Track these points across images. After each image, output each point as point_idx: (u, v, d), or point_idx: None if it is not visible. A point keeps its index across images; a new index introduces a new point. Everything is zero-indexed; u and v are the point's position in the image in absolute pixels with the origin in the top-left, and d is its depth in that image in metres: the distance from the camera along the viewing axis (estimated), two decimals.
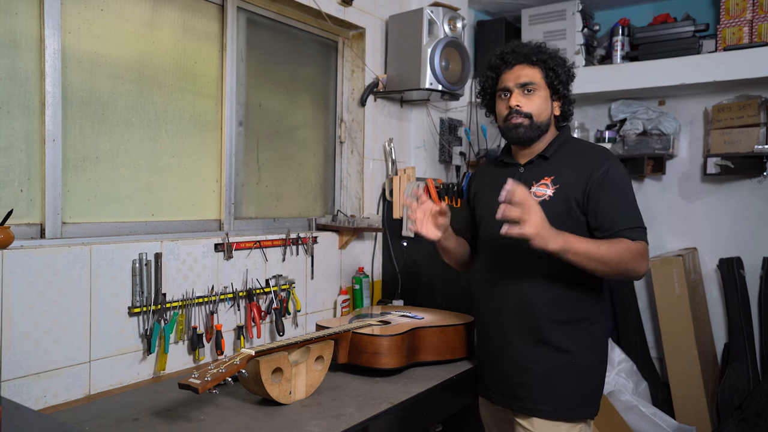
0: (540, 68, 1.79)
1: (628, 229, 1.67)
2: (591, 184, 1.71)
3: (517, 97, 1.79)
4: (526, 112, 1.78)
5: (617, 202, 1.70)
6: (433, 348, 2.09)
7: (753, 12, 3.13)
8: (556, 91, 1.81)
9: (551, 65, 1.79)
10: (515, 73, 1.80)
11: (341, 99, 2.88)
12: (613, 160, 1.77)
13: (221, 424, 1.54)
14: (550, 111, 1.82)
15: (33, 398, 1.65)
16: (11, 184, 1.74)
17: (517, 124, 1.78)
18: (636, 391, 3.25)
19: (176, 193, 2.18)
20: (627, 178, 1.76)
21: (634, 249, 1.63)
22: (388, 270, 2.92)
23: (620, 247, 1.62)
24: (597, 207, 1.70)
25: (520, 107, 1.78)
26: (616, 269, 1.62)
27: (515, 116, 1.78)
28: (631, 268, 1.63)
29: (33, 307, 1.65)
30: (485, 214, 1.92)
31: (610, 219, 1.69)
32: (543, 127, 1.80)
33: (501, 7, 3.75)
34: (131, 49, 2.03)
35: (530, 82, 1.78)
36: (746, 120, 3.21)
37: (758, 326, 3.32)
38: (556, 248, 1.54)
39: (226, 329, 2.16)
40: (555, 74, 1.79)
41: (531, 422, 1.76)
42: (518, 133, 1.79)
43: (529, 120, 1.78)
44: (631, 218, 1.69)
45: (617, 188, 1.71)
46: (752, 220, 3.37)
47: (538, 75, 1.79)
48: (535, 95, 1.78)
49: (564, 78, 1.81)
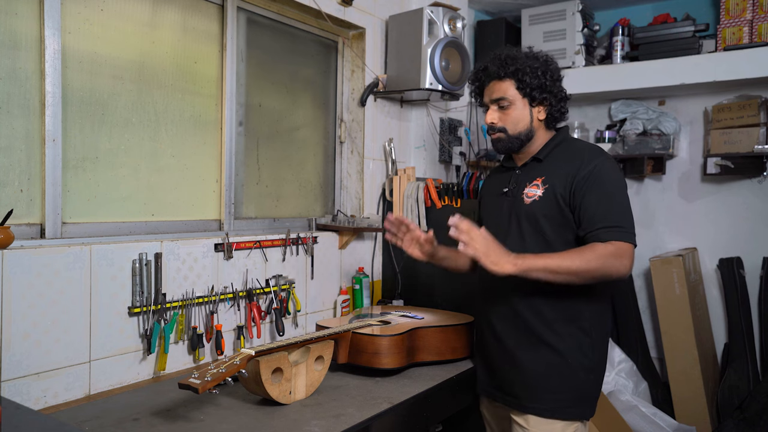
0: (512, 80, 1.79)
1: (605, 228, 1.65)
2: (576, 182, 1.71)
3: (492, 113, 1.84)
4: (499, 127, 1.83)
5: (600, 199, 1.69)
6: (433, 348, 2.09)
7: (753, 12, 3.13)
8: (533, 99, 1.80)
9: (520, 76, 1.78)
10: (489, 89, 1.84)
11: (341, 99, 2.88)
12: (603, 157, 1.75)
13: (221, 424, 1.54)
14: (529, 119, 1.82)
15: (33, 398, 1.65)
16: (11, 184, 1.74)
17: (496, 139, 1.85)
18: (636, 391, 3.25)
19: (176, 193, 2.18)
20: (616, 175, 1.74)
21: (605, 252, 1.62)
22: (388, 270, 2.92)
23: (588, 255, 1.61)
24: (580, 204, 1.70)
25: (494, 123, 1.83)
26: (588, 277, 1.62)
27: (492, 132, 1.85)
28: (606, 273, 1.62)
29: (33, 307, 1.65)
30: (486, 217, 1.97)
31: (590, 217, 1.68)
32: (523, 137, 1.82)
33: (501, 7, 3.75)
34: (131, 49, 2.03)
35: (501, 97, 1.81)
36: (746, 120, 3.21)
37: (758, 326, 3.32)
38: (512, 271, 1.58)
39: (226, 329, 2.16)
40: (527, 84, 1.78)
41: (526, 420, 1.77)
42: (498, 147, 1.87)
43: (505, 134, 1.82)
44: (611, 216, 1.67)
45: (602, 185, 1.70)
46: (752, 220, 3.37)
47: (510, 88, 1.80)
48: (510, 109, 1.81)
49: (539, 83, 1.78)
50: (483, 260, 1.57)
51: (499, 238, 1.88)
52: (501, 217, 1.86)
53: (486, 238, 1.59)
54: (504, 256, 1.58)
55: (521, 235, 1.79)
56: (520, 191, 1.82)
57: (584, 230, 1.69)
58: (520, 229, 1.80)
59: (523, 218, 1.79)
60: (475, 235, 1.58)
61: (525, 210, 1.78)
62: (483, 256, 1.57)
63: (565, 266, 1.60)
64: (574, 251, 1.64)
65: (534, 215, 1.76)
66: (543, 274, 1.61)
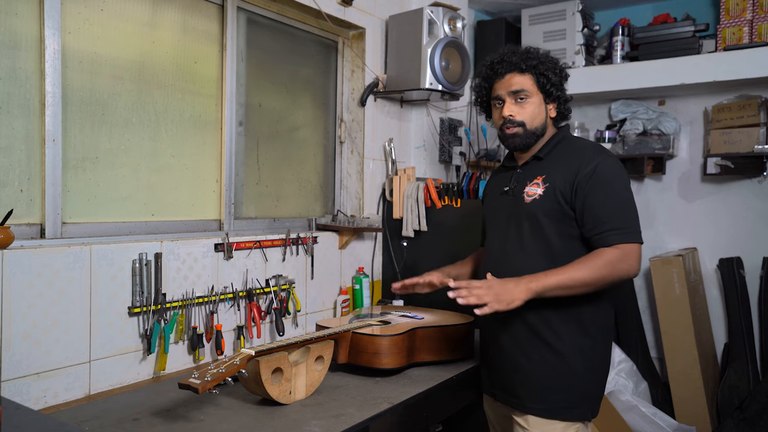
0: (531, 74, 1.79)
1: (613, 230, 1.66)
2: (578, 181, 1.71)
3: (509, 106, 1.80)
4: (519, 121, 1.80)
5: (605, 200, 1.69)
6: (433, 348, 2.09)
7: (753, 12, 3.13)
8: (549, 95, 1.81)
9: (542, 70, 1.78)
10: (506, 81, 1.81)
11: (341, 99, 2.88)
12: (605, 155, 1.75)
13: (221, 424, 1.54)
14: (545, 115, 1.82)
15: (33, 398, 1.65)
16: (11, 184, 1.74)
17: (512, 134, 1.81)
18: (636, 391, 3.25)
19: (176, 193, 2.18)
20: (619, 173, 1.73)
21: (613, 258, 1.64)
22: (388, 270, 2.92)
23: (597, 263, 1.64)
24: (584, 205, 1.70)
25: (513, 116, 1.80)
26: (600, 285, 1.66)
27: (509, 126, 1.81)
28: (617, 277, 1.66)
29: (33, 307, 1.65)
30: (488, 216, 1.98)
31: (595, 217, 1.68)
32: (538, 132, 1.81)
33: (501, 7, 3.75)
34: (131, 49, 2.03)
35: (521, 89, 1.79)
36: (746, 120, 3.21)
37: (758, 326, 3.32)
38: (528, 297, 1.61)
39: (226, 329, 2.16)
40: (546, 79, 1.78)
41: (526, 420, 1.76)
42: (515, 143, 1.82)
43: (523, 128, 1.80)
44: (617, 217, 1.67)
45: (605, 184, 1.69)
46: (752, 220, 3.37)
47: (529, 82, 1.79)
48: (528, 102, 1.79)
49: (556, 80, 1.80)
50: (498, 306, 1.59)
51: (499, 238, 1.88)
52: (502, 216, 1.86)
53: (489, 285, 1.61)
54: (515, 289, 1.61)
55: (521, 234, 1.79)
56: (521, 190, 1.81)
57: (590, 232, 1.69)
58: (519, 228, 1.80)
59: (524, 217, 1.78)
60: (476, 286, 1.60)
61: (525, 209, 1.78)
62: (496, 303, 1.59)
63: (578, 279, 1.63)
64: (583, 261, 1.65)
65: (534, 214, 1.76)
66: (558, 291, 1.64)
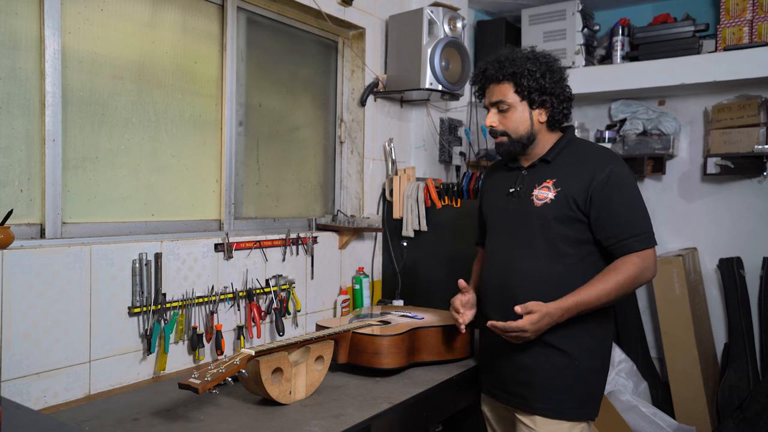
0: (510, 82, 1.77)
1: (633, 236, 1.69)
2: (593, 188, 1.70)
3: (492, 116, 1.82)
4: (501, 131, 1.81)
5: (621, 208, 1.70)
6: (433, 348, 2.09)
7: (753, 12, 3.13)
8: (533, 101, 1.77)
9: (518, 79, 1.75)
10: (489, 92, 1.83)
11: (341, 99, 2.88)
12: (616, 161, 1.75)
13: (221, 424, 1.54)
14: (530, 122, 1.79)
15: (33, 398, 1.65)
16: (11, 184, 1.74)
17: (498, 142, 1.84)
18: (636, 391, 3.25)
19: (176, 193, 2.18)
20: (631, 178, 1.75)
21: (633, 269, 1.68)
22: (388, 270, 2.92)
23: (620, 277, 1.68)
24: (600, 213, 1.70)
25: (494, 127, 1.82)
26: (624, 295, 1.71)
27: (495, 135, 1.84)
28: (638, 285, 1.72)
29: (33, 307, 1.65)
30: (490, 216, 1.95)
31: (615, 225, 1.69)
32: (524, 140, 1.80)
33: (501, 7, 3.75)
34: (131, 49, 2.03)
35: (501, 100, 1.79)
36: (746, 120, 3.21)
37: (758, 326, 3.32)
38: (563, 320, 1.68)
39: (226, 329, 2.16)
40: (525, 86, 1.75)
41: (533, 420, 1.76)
42: (501, 151, 1.85)
43: (507, 137, 1.81)
44: (636, 223, 1.70)
45: (620, 192, 1.70)
46: (752, 220, 3.37)
47: (509, 90, 1.78)
48: (509, 112, 1.79)
49: (538, 85, 1.75)
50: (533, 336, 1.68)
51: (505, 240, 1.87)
52: (508, 218, 1.85)
53: (533, 322, 1.64)
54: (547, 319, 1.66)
55: (529, 237, 1.78)
56: (529, 193, 1.80)
57: (610, 240, 1.71)
58: (528, 231, 1.78)
59: (533, 220, 1.77)
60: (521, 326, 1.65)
61: (536, 212, 1.77)
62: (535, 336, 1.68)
63: (605, 293, 1.68)
64: (605, 276, 1.69)
65: (546, 218, 1.75)
66: (590, 309, 1.69)
